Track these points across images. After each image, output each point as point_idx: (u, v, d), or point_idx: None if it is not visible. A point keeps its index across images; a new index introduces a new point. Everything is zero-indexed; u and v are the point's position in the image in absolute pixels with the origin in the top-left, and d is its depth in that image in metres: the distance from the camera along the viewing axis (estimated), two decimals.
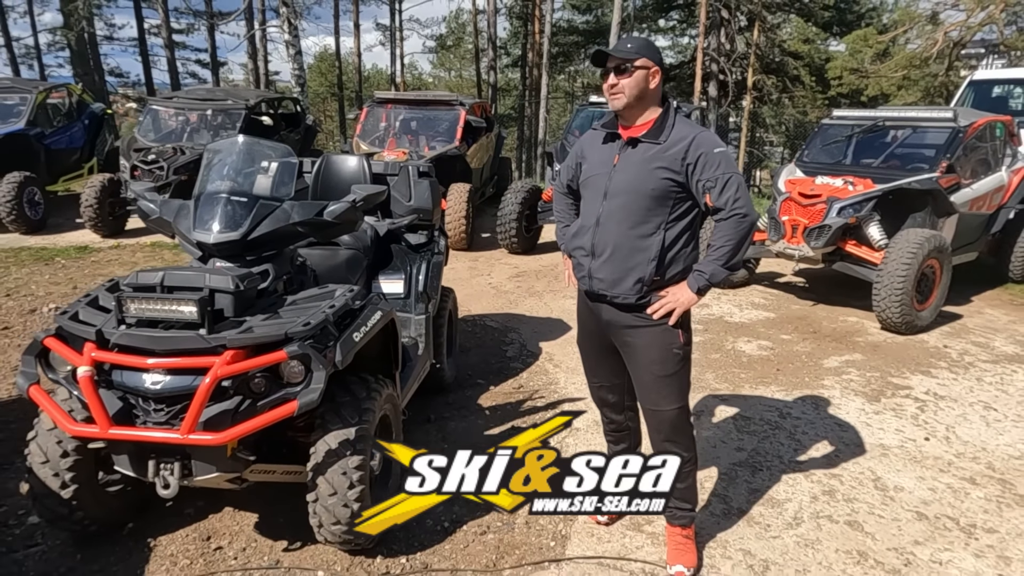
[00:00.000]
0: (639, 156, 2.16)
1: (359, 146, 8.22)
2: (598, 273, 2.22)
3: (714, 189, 2.08)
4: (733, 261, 2.13)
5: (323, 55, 30.60)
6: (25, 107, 8.28)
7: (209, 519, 2.67)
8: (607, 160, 2.22)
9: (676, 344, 2.22)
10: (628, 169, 2.17)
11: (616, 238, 2.17)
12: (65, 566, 2.41)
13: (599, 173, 2.23)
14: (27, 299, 5.49)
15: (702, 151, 2.09)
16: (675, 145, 2.11)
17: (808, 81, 19.90)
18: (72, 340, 2.19)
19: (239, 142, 2.73)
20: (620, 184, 2.17)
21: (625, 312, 2.23)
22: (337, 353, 2.20)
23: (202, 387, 2.02)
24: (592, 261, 2.23)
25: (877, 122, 6.11)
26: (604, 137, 2.28)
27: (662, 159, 2.12)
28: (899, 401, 3.93)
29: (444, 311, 3.79)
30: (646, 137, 2.16)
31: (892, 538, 2.64)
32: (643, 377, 2.28)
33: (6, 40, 21.36)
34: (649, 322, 2.20)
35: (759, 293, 6.21)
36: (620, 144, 2.21)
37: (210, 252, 2.47)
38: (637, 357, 2.27)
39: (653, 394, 2.27)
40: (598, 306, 2.30)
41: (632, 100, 2.13)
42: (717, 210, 2.10)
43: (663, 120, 2.17)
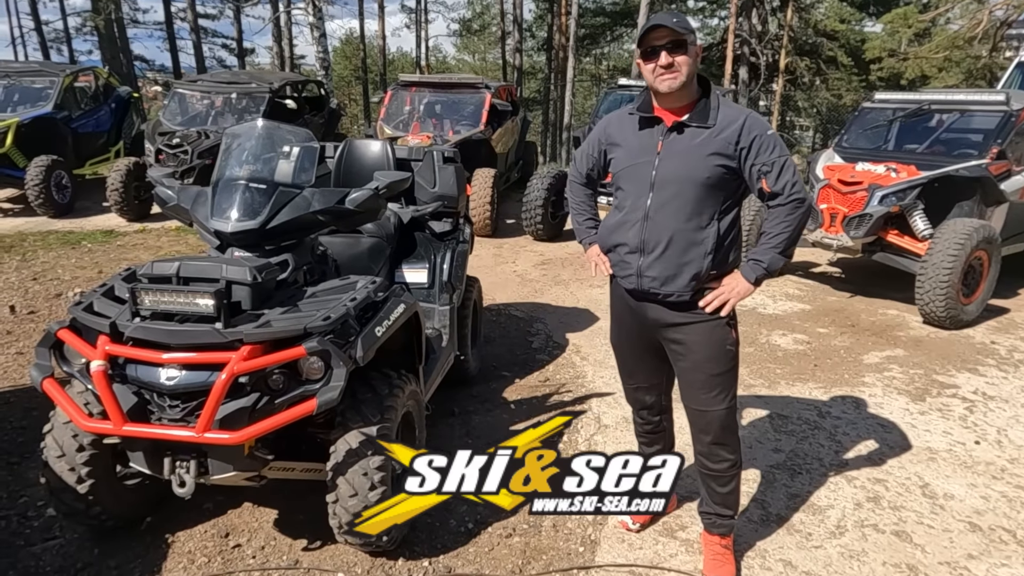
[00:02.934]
0: (687, 142, 2.00)
1: (383, 130, 8.11)
2: (649, 271, 2.06)
3: (771, 173, 1.95)
4: (791, 248, 2.05)
5: (348, 38, 30.51)
6: (53, 90, 8.30)
7: (228, 515, 2.61)
8: (649, 147, 2.06)
9: (730, 340, 2.11)
10: (676, 157, 2.01)
11: (671, 232, 2.02)
12: (82, 561, 2.36)
13: (642, 162, 2.06)
14: (53, 283, 5.50)
15: (756, 134, 1.95)
16: (726, 129, 1.97)
17: (845, 62, 19.29)
18: (86, 332, 2.12)
19: (258, 126, 2.62)
20: (669, 173, 2.01)
21: (675, 311, 2.10)
22: (358, 349, 2.10)
23: (218, 384, 1.94)
24: (642, 258, 2.07)
25: (922, 106, 5.81)
26: (640, 122, 2.09)
27: (714, 144, 1.97)
28: (945, 401, 3.73)
29: (469, 301, 3.67)
30: (693, 121, 2.00)
31: (944, 551, 2.48)
32: (694, 377, 2.15)
33: (36, 24, 21.58)
34: (701, 318, 2.08)
35: (793, 284, 6.00)
36: (662, 129, 2.04)
37: (228, 241, 2.38)
38: (689, 356, 2.14)
39: (703, 394, 2.15)
40: (643, 305, 2.16)
41: (687, 78, 1.97)
42: (774, 195, 1.97)
43: (707, 102, 2.01)
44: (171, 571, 2.32)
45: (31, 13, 21.42)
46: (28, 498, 2.71)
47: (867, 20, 21.33)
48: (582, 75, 27.78)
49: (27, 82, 8.48)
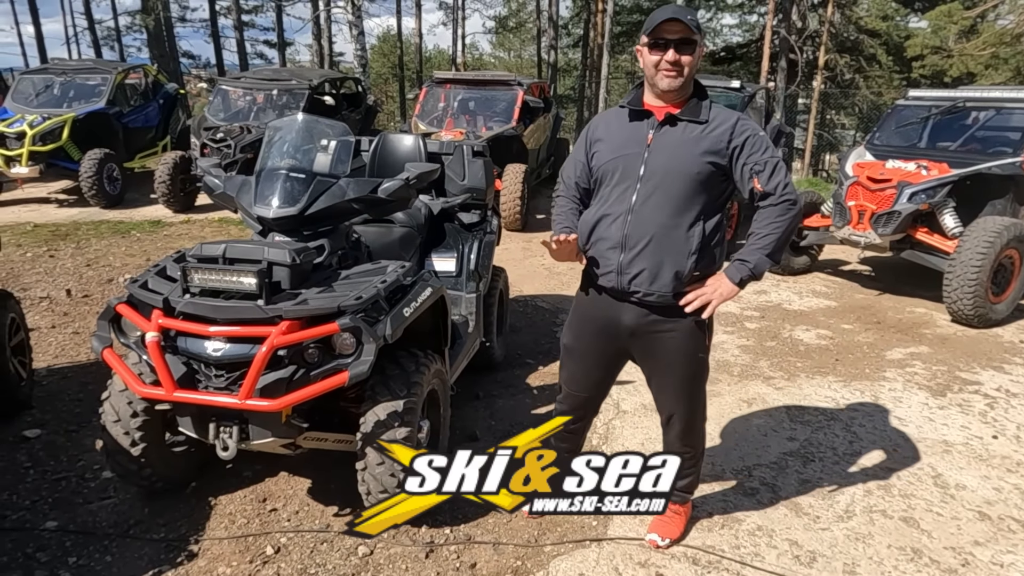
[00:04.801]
0: (679, 136, 2.00)
1: (418, 126, 8.30)
2: (631, 268, 2.02)
3: (763, 173, 1.95)
4: (780, 251, 2.00)
5: (385, 36, 30.91)
6: (105, 87, 8.70)
7: (265, 482, 2.80)
8: (637, 139, 2.03)
9: (702, 349, 2.14)
10: (666, 150, 1.99)
11: (655, 228, 1.98)
12: (134, 518, 2.57)
13: (629, 153, 2.03)
14: (105, 269, 5.82)
15: (748, 134, 1.97)
16: (719, 127, 1.99)
17: (885, 61, 18.88)
18: (142, 307, 2.32)
19: (299, 120, 2.81)
20: (658, 166, 1.99)
21: (653, 314, 2.07)
22: (387, 327, 2.25)
23: (259, 355, 2.11)
24: (623, 254, 2.02)
25: (957, 103, 5.77)
26: (630, 115, 2.07)
27: (706, 141, 1.98)
28: (966, 397, 3.75)
29: (495, 290, 3.82)
30: (685, 116, 2.00)
31: (950, 537, 2.54)
32: (667, 382, 2.19)
33: (89, 23, 22.42)
34: (677, 326, 2.07)
35: (821, 281, 6.00)
36: (653, 122, 2.02)
37: (269, 226, 2.55)
38: (663, 361, 2.15)
39: (671, 398, 2.20)
40: (620, 306, 2.11)
41: (687, 81, 1.99)
42: (766, 195, 1.96)
43: (700, 100, 2.03)
44: (214, 530, 2.52)
45: (85, 12, 22.27)
46: (85, 462, 2.95)
47: (912, 16, 20.84)
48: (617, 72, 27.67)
49: (82, 79, 8.90)
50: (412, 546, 2.42)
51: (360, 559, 2.36)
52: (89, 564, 2.33)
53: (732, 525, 2.57)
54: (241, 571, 2.30)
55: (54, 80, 8.80)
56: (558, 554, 2.39)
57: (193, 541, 2.45)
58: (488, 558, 2.38)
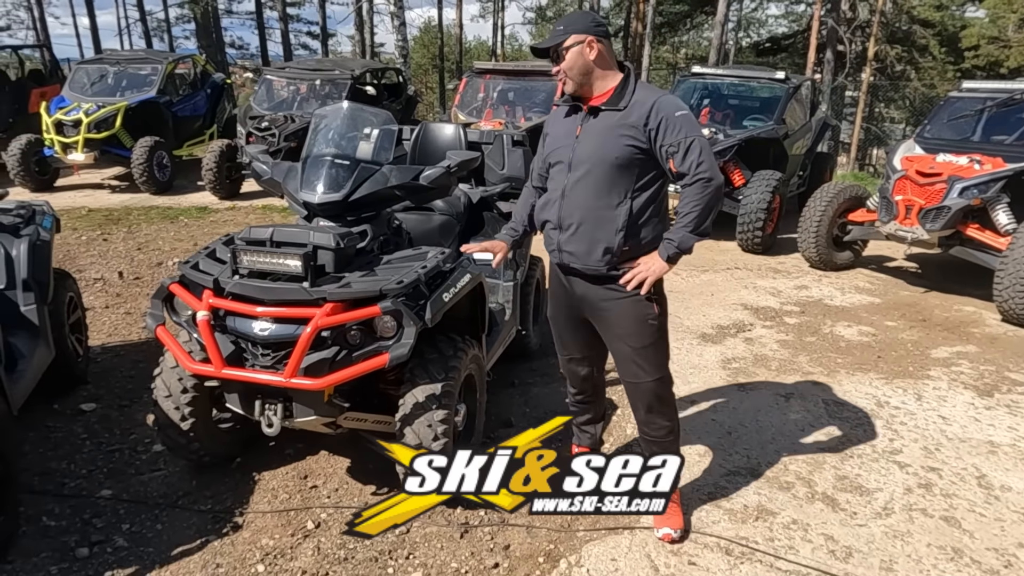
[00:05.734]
0: (601, 124, 2.14)
1: (457, 116, 8.36)
2: (567, 246, 2.22)
3: (677, 154, 2.05)
4: (703, 227, 2.10)
5: (426, 27, 31.05)
6: (156, 77, 8.96)
7: (306, 460, 2.89)
8: (570, 132, 2.21)
9: (651, 315, 2.22)
10: (591, 139, 2.15)
11: (582, 210, 2.16)
12: (182, 490, 2.68)
13: (563, 145, 2.23)
14: (155, 253, 6.02)
15: (663, 115, 2.05)
16: (636, 111, 2.09)
17: (937, 53, 18.24)
18: (193, 287, 2.41)
19: (344, 108, 2.87)
20: (584, 154, 2.15)
21: (597, 285, 2.23)
22: (427, 311, 2.30)
23: (304, 335, 2.18)
24: (560, 234, 2.23)
25: (1014, 95, 5.56)
26: (567, 111, 2.27)
27: (624, 126, 2.09)
28: (1015, 398, 3.64)
29: (532, 279, 3.85)
30: (606, 105, 2.14)
31: (993, 538, 2.49)
32: (620, 349, 2.29)
33: (141, 15, 23.08)
34: (622, 294, 2.19)
35: (864, 277, 5.87)
36: (582, 115, 2.20)
37: (314, 211, 2.62)
38: (612, 330, 2.28)
39: (632, 366, 2.28)
40: (571, 279, 2.31)
41: (579, 79, 2.14)
42: (681, 175, 2.06)
43: (623, 87, 2.14)
44: (257, 503, 2.61)
45: (137, 4, 22.91)
46: (136, 435, 3.08)
47: (968, 5, 20.08)
48: (658, 63, 27.34)
49: (134, 69, 9.18)
50: (447, 527, 2.47)
51: (397, 536, 2.42)
52: (141, 531, 2.45)
53: (766, 518, 2.56)
54: (283, 543, 2.38)
55: (108, 70, 9.08)
56: (590, 539, 2.42)
57: (238, 513, 2.54)
58: (521, 540, 2.42)
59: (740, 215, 6.31)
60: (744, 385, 3.70)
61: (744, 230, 6.32)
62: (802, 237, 5.92)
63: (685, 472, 2.66)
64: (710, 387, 3.66)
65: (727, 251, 6.52)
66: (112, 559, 2.31)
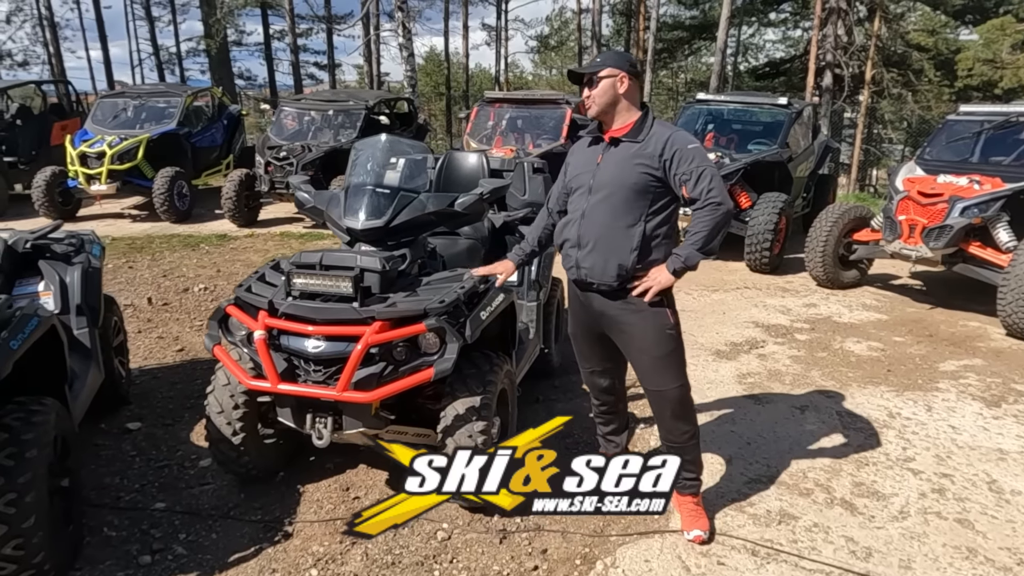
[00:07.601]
0: (621, 154, 2.36)
1: (469, 143, 8.60)
2: (584, 262, 2.40)
3: (689, 181, 2.26)
4: (709, 246, 2.31)
5: (429, 55, 31.66)
6: (176, 109, 9.25)
7: (347, 473, 3.03)
8: (592, 160, 2.43)
9: (668, 325, 2.40)
10: (611, 166, 2.37)
11: (600, 229, 2.36)
12: (232, 502, 2.82)
13: (584, 171, 2.44)
14: (180, 279, 6.21)
15: (677, 147, 2.28)
16: (653, 143, 2.31)
17: (932, 76, 18.59)
18: (247, 308, 2.58)
19: (382, 139, 3.07)
20: (603, 180, 2.37)
21: (613, 300, 2.41)
22: (467, 328, 2.47)
23: (355, 352, 2.35)
24: (579, 251, 2.42)
25: (1010, 118, 5.78)
26: (590, 141, 2.50)
27: (641, 156, 2.31)
28: (1022, 408, 3.78)
29: (554, 300, 4.02)
30: (627, 137, 2.36)
31: (1005, 538, 2.62)
32: (641, 360, 2.46)
33: (154, 48, 23.65)
34: (638, 308, 2.37)
35: (871, 294, 6.03)
36: (604, 145, 2.42)
37: (357, 237, 2.80)
38: (633, 343, 2.45)
39: (654, 376, 2.45)
40: (588, 295, 2.48)
41: (604, 107, 2.35)
42: (693, 200, 2.27)
43: (642, 122, 2.37)
44: (303, 514, 2.75)
45: (150, 38, 23.47)
46: (183, 452, 3.23)
47: (963, 29, 20.50)
48: (658, 88, 27.79)
49: (154, 102, 9.48)
50: (486, 533, 2.61)
51: (439, 543, 2.56)
52: (198, 540, 2.59)
53: (788, 522, 2.69)
54: (333, 550, 2.52)
55: (129, 103, 9.39)
56: (623, 543, 2.55)
57: (287, 523, 2.68)
58: (558, 544, 2.55)
59: (748, 236, 6.49)
60: (760, 398, 3.84)
61: (752, 251, 6.50)
62: (809, 256, 6.09)
63: (708, 479, 2.83)
64: (727, 401, 3.81)
65: (736, 271, 6.69)
66: (174, 565, 2.45)
